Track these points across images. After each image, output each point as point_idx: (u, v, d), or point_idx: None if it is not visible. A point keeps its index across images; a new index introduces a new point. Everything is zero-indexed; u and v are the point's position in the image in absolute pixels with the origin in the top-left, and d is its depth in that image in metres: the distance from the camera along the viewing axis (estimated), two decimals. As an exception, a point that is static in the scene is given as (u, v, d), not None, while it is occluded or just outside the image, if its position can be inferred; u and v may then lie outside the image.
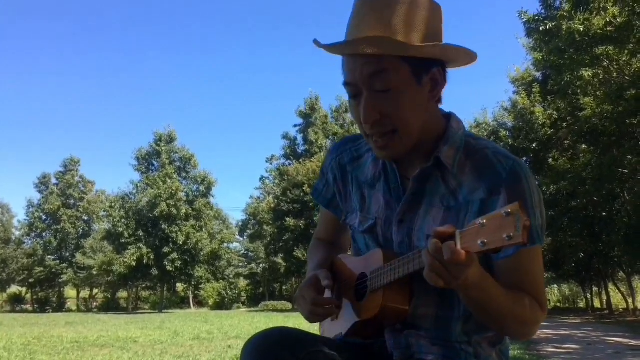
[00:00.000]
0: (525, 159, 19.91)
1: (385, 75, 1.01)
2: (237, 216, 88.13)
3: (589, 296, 30.83)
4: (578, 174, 16.65)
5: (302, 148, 40.37)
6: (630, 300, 25.05)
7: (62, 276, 43.64)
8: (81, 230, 46.88)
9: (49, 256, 45.15)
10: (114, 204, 36.76)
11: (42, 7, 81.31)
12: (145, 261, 34.17)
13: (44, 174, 46.71)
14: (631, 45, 12.32)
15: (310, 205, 30.75)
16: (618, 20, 11.88)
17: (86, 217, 47.59)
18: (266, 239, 36.55)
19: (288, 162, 39.83)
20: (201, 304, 42.32)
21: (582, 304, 33.76)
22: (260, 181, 42.92)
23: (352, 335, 1.17)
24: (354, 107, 1.08)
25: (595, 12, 11.80)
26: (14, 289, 48.40)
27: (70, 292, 49.29)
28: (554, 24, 12.59)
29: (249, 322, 17.03)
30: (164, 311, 35.01)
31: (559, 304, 38.98)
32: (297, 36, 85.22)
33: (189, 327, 14.57)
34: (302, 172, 32.67)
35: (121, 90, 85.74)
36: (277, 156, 41.88)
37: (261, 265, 41.48)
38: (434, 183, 1.11)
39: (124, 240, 34.58)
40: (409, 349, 1.12)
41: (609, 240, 19.31)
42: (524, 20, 13.13)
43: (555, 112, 19.51)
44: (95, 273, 39.95)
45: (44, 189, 46.30)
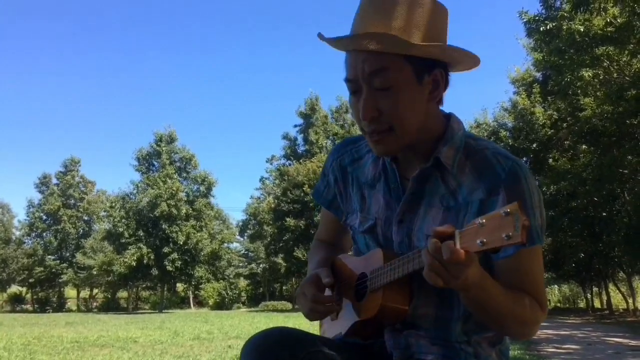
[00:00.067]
0: (525, 159, 19.91)
1: (386, 74, 1.01)
2: (237, 216, 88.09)
3: (589, 296, 30.80)
4: (578, 174, 16.64)
5: (302, 148, 40.41)
6: (631, 301, 25.05)
7: (62, 276, 43.62)
8: (81, 230, 46.87)
9: (49, 256, 45.13)
10: (114, 204, 36.78)
11: (42, 7, 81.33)
12: (145, 261, 34.18)
13: (45, 174, 46.76)
14: (631, 45, 12.32)
15: (311, 205, 30.75)
16: (618, 20, 11.88)
17: (86, 217, 47.60)
18: (266, 239, 36.55)
19: (288, 163, 39.85)
20: (201, 304, 42.29)
21: (582, 304, 33.73)
22: (260, 182, 43.01)
23: (352, 335, 1.17)
24: (353, 104, 1.08)
25: (595, 13, 11.78)
26: (14, 288, 48.42)
27: (71, 292, 49.27)
28: (554, 24, 12.58)
29: (249, 322, 17.03)
30: (164, 311, 34.98)
31: (559, 304, 38.94)
32: (297, 36, 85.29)
33: (189, 327, 14.56)
34: (302, 172, 32.67)
35: (121, 90, 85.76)
36: (277, 156, 41.98)
37: (261, 265, 41.48)
38: (434, 183, 1.11)
39: (124, 240, 34.60)
40: (408, 349, 1.12)
41: (609, 241, 19.29)
42: (525, 20, 13.12)
43: (556, 112, 19.50)
44: (95, 273, 39.95)
45: (45, 189, 46.31)
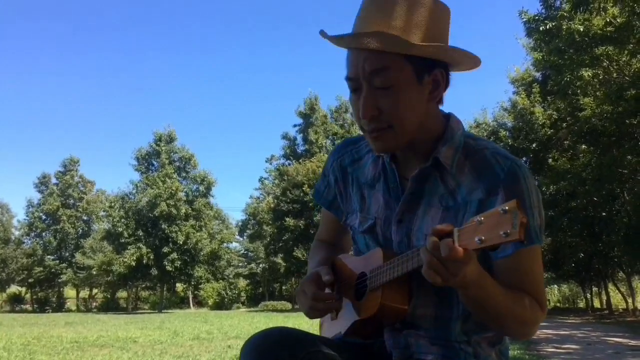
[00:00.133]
0: (525, 159, 19.93)
1: (387, 73, 1.02)
2: (237, 216, 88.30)
3: (588, 296, 30.78)
4: (578, 174, 16.64)
5: (301, 148, 40.40)
6: (630, 301, 25.03)
7: (61, 276, 43.61)
8: (81, 230, 46.84)
9: (49, 256, 45.11)
10: (113, 203, 36.79)
11: (42, 7, 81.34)
12: (144, 261, 34.17)
13: (44, 173, 46.74)
14: (631, 45, 12.32)
15: (310, 205, 30.76)
16: (618, 20, 11.89)
17: (86, 217, 47.58)
18: (266, 239, 36.53)
19: (288, 162, 39.83)
20: (201, 304, 42.27)
21: (582, 304, 33.70)
22: (259, 182, 42.98)
23: (352, 334, 1.17)
24: (354, 102, 1.09)
25: (595, 12, 11.79)
26: (14, 288, 48.42)
27: (70, 292, 49.25)
28: (554, 24, 12.59)
29: (248, 322, 17.02)
30: (163, 311, 34.99)
31: (558, 304, 38.90)
32: (297, 36, 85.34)
33: (188, 327, 14.56)
34: (301, 172, 32.66)
35: (121, 90, 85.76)
36: (276, 156, 41.95)
37: (261, 265, 41.46)
38: (433, 183, 1.11)
39: (123, 240, 34.60)
40: (408, 348, 1.12)
41: (608, 241, 19.29)
42: (524, 20, 13.13)
43: (555, 112, 19.51)
44: (94, 273, 39.92)
45: (44, 188, 46.28)
